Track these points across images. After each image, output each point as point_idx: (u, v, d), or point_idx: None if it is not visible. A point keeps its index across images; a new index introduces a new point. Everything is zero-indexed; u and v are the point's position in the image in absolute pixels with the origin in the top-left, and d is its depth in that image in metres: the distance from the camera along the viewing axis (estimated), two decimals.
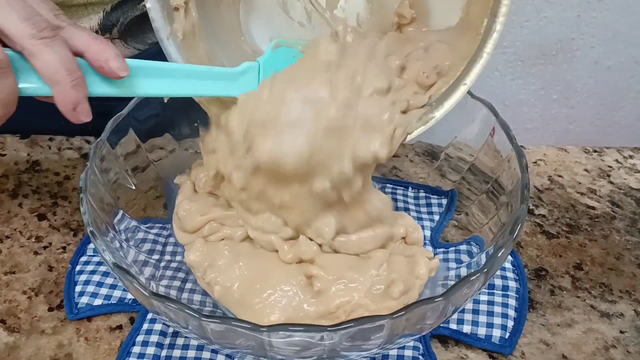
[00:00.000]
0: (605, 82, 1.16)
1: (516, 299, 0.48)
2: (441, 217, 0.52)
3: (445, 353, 0.45)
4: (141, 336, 0.46)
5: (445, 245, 0.50)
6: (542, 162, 0.61)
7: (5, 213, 0.55)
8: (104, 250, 0.39)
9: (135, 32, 0.62)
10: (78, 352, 0.45)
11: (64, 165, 0.60)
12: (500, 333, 0.46)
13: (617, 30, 1.09)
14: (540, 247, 0.53)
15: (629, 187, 0.58)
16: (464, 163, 0.51)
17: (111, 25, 0.60)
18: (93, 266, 0.50)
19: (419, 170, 0.56)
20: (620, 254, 0.52)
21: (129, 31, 0.61)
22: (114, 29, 0.60)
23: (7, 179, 0.58)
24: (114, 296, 0.48)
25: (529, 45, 1.10)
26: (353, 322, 0.34)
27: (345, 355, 0.39)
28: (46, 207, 0.56)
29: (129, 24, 0.61)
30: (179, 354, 0.45)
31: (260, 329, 0.34)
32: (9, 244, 0.53)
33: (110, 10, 0.59)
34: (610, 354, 0.45)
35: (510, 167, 0.45)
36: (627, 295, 0.49)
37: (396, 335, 0.37)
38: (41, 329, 0.47)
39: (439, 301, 0.36)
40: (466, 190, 0.50)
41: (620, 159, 0.61)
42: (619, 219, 0.55)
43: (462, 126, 0.50)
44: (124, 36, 0.61)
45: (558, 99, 1.18)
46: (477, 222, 0.48)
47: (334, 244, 0.44)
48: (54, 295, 0.49)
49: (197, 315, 0.35)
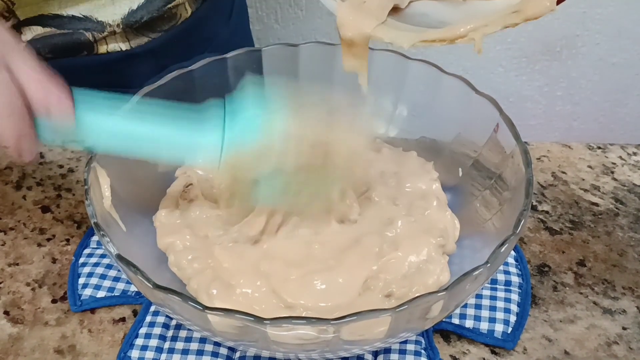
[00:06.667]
0: (609, 78, 1.15)
1: (519, 294, 0.48)
2: None
3: (448, 348, 0.45)
4: (144, 328, 0.46)
5: None
6: (545, 159, 0.60)
7: (9, 205, 0.55)
8: (107, 242, 0.39)
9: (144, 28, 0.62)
10: (81, 344, 0.45)
11: (67, 157, 0.60)
12: (502, 328, 0.46)
13: (622, 27, 1.09)
14: (543, 243, 0.53)
15: (633, 183, 0.58)
16: (468, 159, 0.50)
17: (134, 22, 0.60)
18: (96, 258, 0.50)
19: None
20: (623, 250, 0.52)
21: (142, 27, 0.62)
22: (135, 26, 0.61)
23: (11, 171, 0.58)
24: (117, 288, 0.48)
25: (533, 42, 1.10)
26: (355, 315, 0.34)
27: (348, 349, 0.39)
28: (50, 199, 0.56)
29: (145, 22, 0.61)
30: (181, 346, 0.45)
31: (263, 322, 0.34)
32: (12, 236, 0.53)
33: (136, 9, 0.60)
34: (612, 350, 0.45)
35: (514, 163, 0.45)
36: (630, 292, 0.49)
37: (399, 329, 0.37)
38: (45, 321, 0.47)
39: (442, 295, 0.36)
40: (470, 186, 0.50)
41: (624, 155, 0.61)
42: (623, 216, 0.55)
43: (466, 122, 0.50)
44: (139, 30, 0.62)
45: (562, 96, 1.18)
46: (481, 217, 0.48)
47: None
48: (58, 287, 0.49)
49: (200, 307, 0.35)
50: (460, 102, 0.50)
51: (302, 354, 0.39)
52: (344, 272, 0.43)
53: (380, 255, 0.44)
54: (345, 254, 0.45)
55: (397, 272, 0.44)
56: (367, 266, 0.44)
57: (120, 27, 0.60)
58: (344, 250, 0.45)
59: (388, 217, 0.47)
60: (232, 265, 0.44)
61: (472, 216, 0.49)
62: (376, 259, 0.44)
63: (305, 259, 0.44)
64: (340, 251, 0.45)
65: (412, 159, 0.52)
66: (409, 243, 0.45)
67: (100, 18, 0.59)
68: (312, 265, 0.44)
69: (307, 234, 0.46)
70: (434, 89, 0.51)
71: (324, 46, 0.52)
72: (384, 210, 0.48)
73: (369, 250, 0.45)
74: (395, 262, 0.44)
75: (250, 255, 0.45)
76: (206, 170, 0.51)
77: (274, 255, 0.45)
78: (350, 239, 0.46)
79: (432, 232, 0.46)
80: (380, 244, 0.45)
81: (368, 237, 0.46)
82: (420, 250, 0.45)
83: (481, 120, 0.48)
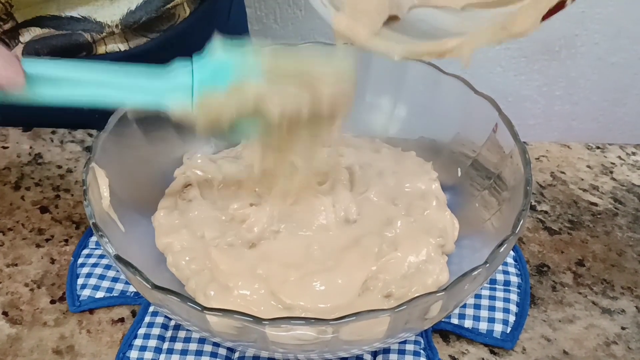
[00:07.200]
0: (608, 78, 1.15)
1: (518, 294, 0.48)
2: None
3: (447, 348, 0.45)
4: (143, 329, 0.46)
5: None
6: (544, 158, 0.60)
7: (8, 205, 0.55)
8: (106, 243, 0.39)
9: (143, 29, 0.62)
10: (80, 344, 0.45)
11: (66, 158, 0.60)
12: (501, 328, 0.46)
13: (621, 27, 1.09)
14: (542, 243, 0.53)
15: (632, 183, 0.58)
16: (467, 158, 0.50)
17: (133, 22, 0.60)
18: (95, 259, 0.50)
19: None
20: (622, 250, 0.52)
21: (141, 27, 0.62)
22: (133, 26, 0.61)
23: (10, 172, 0.58)
24: (116, 289, 0.48)
25: (532, 41, 1.10)
26: (354, 316, 0.34)
27: (347, 349, 0.39)
28: (48, 199, 0.56)
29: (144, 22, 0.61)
30: (180, 346, 0.45)
31: (261, 322, 0.34)
32: (11, 236, 0.53)
33: (135, 9, 0.60)
34: (611, 350, 0.45)
35: (512, 163, 0.45)
36: (629, 292, 0.49)
37: (398, 329, 0.37)
38: (43, 321, 0.47)
39: (441, 295, 0.36)
40: (469, 185, 0.50)
41: (623, 155, 0.61)
42: (621, 216, 0.55)
43: (465, 122, 0.50)
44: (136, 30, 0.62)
45: (561, 95, 1.18)
46: (480, 217, 0.48)
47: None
48: (56, 287, 0.49)
49: (198, 307, 0.35)
50: (459, 102, 0.50)
51: (301, 354, 0.39)
52: (343, 272, 0.43)
53: (379, 256, 0.44)
54: (344, 254, 0.45)
55: (397, 272, 0.44)
56: (367, 267, 0.44)
57: (119, 28, 0.60)
58: (343, 250, 0.45)
59: (387, 217, 0.47)
60: (229, 268, 0.44)
61: (471, 216, 0.49)
62: (375, 259, 0.44)
63: (304, 260, 0.44)
64: (339, 252, 0.45)
65: (411, 158, 0.52)
66: (409, 243, 0.45)
67: (99, 19, 0.59)
68: (310, 266, 0.44)
69: (306, 235, 0.46)
70: (433, 88, 0.51)
71: (322, 46, 0.52)
72: (383, 210, 0.48)
73: (368, 251, 0.44)
74: (395, 263, 0.44)
75: (247, 258, 0.44)
76: (205, 171, 0.51)
77: (272, 257, 0.44)
78: (350, 239, 0.46)
79: (431, 232, 0.46)
80: (380, 244, 0.45)
81: (367, 237, 0.46)
82: (419, 250, 0.45)
83: (480, 120, 0.48)
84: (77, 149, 0.60)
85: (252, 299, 0.42)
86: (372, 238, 0.45)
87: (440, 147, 0.53)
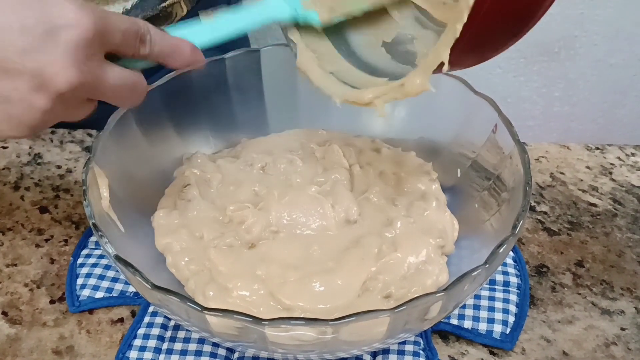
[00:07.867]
0: (607, 79, 1.15)
1: (517, 295, 0.48)
2: None
3: (446, 348, 0.45)
4: (143, 329, 0.46)
5: None
6: (544, 159, 0.61)
7: (7, 205, 0.55)
8: (106, 243, 0.39)
9: None
10: (79, 345, 0.45)
11: (66, 158, 0.60)
12: (501, 328, 0.46)
13: (620, 28, 1.09)
14: (541, 244, 0.53)
15: (631, 184, 0.58)
16: (466, 159, 0.51)
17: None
18: (95, 259, 0.50)
19: None
20: (621, 251, 0.52)
21: None
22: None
23: (9, 172, 0.58)
24: (116, 289, 0.48)
25: (531, 43, 1.10)
26: (354, 316, 0.34)
27: (346, 349, 0.39)
28: (48, 199, 0.56)
29: None
30: (180, 347, 0.45)
31: (261, 322, 0.34)
32: (10, 237, 0.53)
33: (130, 9, 0.59)
34: (610, 351, 0.45)
35: (512, 164, 0.45)
36: (628, 293, 0.49)
37: (398, 329, 0.37)
38: (43, 321, 0.47)
39: (440, 296, 0.36)
40: (468, 186, 0.50)
41: (622, 156, 0.61)
42: (621, 217, 0.55)
43: (465, 123, 0.50)
44: None
45: (560, 97, 1.18)
46: (479, 218, 0.48)
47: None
48: (56, 287, 0.49)
49: (198, 308, 0.35)
50: (458, 103, 0.50)
51: (301, 354, 0.39)
52: (343, 273, 0.43)
53: (379, 256, 0.44)
54: (343, 255, 0.45)
55: (396, 273, 0.44)
56: (366, 267, 0.44)
57: None
58: (343, 251, 0.45)
59: (387, 218, 0.47)
60: (229, 269, 0.44)
61: (470, 217, 0.49)
62: (375, 260, 0.44)
63: (303, 261, 0.44)
64: (338, 252, 0.45)
65: (411, 159, 0.52)
66: (408, 244, 0.45)
67: None
68: (310, 267, 0.44)
69: (306, 235, 0.46)
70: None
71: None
72: (383, 210, 0.48)
73: (368, 251, 0.44)
74: (394, 263, 0.44)
75: (246, 259, 0.44)
76: (205, 171, 0.51)
77: (271, 258, 0.44)
78: (349, 240, 0.46)
79: (431, 233, 0.46)
80: (380, 245, 0.45)
81: (367, 238, 0.46)
82: (419, 251, 0.45)
83: (480, 121, 0.48)
84: (77, 149, 0.60)
85: (251, 300, 0.42)
86: (372, 239, 0.45)
87: (440, 148, 0.53)
